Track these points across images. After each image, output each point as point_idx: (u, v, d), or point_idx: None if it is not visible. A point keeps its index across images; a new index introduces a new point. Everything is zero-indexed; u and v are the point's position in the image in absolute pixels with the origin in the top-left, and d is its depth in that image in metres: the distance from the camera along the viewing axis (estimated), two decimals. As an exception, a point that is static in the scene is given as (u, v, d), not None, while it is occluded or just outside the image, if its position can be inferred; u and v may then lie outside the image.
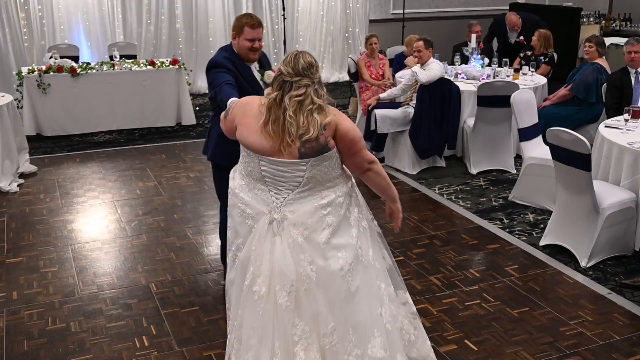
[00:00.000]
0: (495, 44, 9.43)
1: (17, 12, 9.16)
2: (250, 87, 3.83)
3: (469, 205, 5.80)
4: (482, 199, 5.94)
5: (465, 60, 7.94)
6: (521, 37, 8.80)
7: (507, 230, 5.26)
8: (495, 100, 6.33)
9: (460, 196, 6.01)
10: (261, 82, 3.97)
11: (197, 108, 8.95)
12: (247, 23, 3.86)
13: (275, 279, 2.81)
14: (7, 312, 4.05)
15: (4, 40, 9.13)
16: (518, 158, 6.58)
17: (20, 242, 5.06)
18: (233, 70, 3.81)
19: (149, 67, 8.24)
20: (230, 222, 3.05)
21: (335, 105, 2.91)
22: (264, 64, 4.08)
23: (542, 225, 5.27)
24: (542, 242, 4.96)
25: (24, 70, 7.90)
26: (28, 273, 4.55)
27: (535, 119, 5.83)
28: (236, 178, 3.03)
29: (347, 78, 10.37)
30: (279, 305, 2.80)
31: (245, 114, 2.92)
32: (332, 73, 11.38)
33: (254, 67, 4.01)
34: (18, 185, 6.20)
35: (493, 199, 5.93)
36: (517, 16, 8.93)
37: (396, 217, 3.21)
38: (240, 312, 2.91)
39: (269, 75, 3.89)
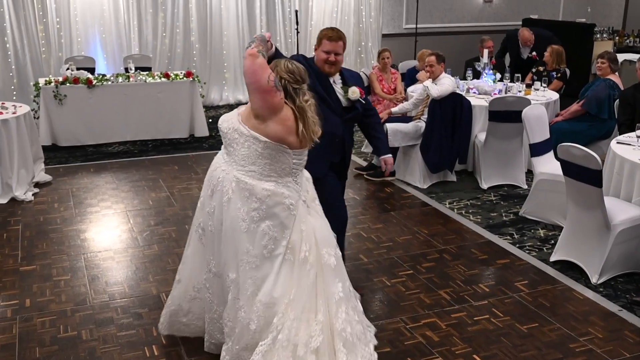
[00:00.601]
0: (507, 59, 9.45)
1: (36, 24, 9.31)
2: (324, 93, 3.88)
3: (479, 220, 5.80)
4: (492, 214, 5.94)
5: (477, 75, 7.97)
6: (534, 53, 8.82)
7: (518, 245, 5.26)
8: (506, 115, 6.34)
9: (470, 211, 6.01)
10: (342, 98, 3.98)
11: (210, 120, 9.02)
12: (325, 35, 3.89)
13: (319, 246, 3.30)
14: (20, 319, 4.10)
15: (22, 51, 9.28)
16: (529, 173, 6.58)
17: (34, 250, 5.12)
18: (309, 70, 3.79)
19: (163, 79, 8.33)
20: (273, 222, 3.22)
21: None
22: (348, 80, 4.04)
23: (552, 241, 5.26)
24: (552, 258, 4.95)
25: (41, 81, 8.02)
26: (41, 281, 4.61)
27: (546, 135, 5.83)
28: (260, 183, 3.21)
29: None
30: (328, 266, 3.29)
31: (287, 117, 3.19)
32: (344, 87, 11.42)
33: (336, 81, 4.02)
34: (33, 195, 6.28)
35: (504, 214, 5.93)
36: (530, 32, 8.96)
37: None
38: (295, 289, 3.24)
39: (354, 91, 3.87)
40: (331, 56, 3.90)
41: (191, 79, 8.39)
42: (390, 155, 4.28)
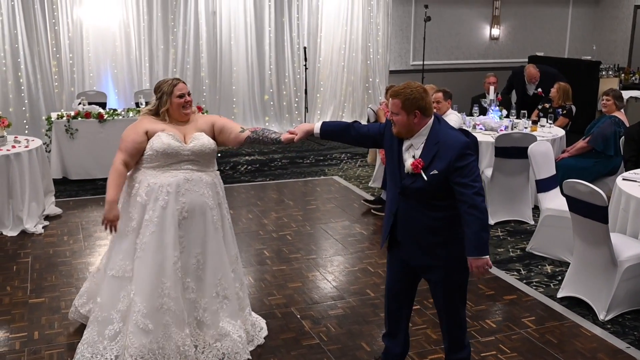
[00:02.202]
0: (514, 96, 9.54)
1: (49, 59, 9.50)
2: (389, 151, 3.51)
3: (486, 255, 5.80)
4: (499, 250, 5.95)
5: (483, 111, 8.05)
6: (539, 89, 8.91)
7: (525, 281, 5.26)
8: (513, 151, 6.39)
9: (477, 246, 6.01)
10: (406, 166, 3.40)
11: (219, 154, 9.10)
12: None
13: None
14: (28, 351, 4.13)
15: (35, 86, 9.45)
16: (536, 209, 6.60)
17: (43, 282, 5.16)
18: (384, 132, 3.53)
19: (173, 114, 8.42)
20: None
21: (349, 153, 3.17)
22: (429, 149, 3.35)
23: (559, 277, 5.26)
24: (559, 294, 4.95)
25: (54, 115, 8.14)
26: (50, 313, 4.64)
27: (552, 171, 5.87)
28: None
29: (367, 127, 10.51)
30: None
31: None
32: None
33: (415, 146, 3.40)
34: (43, 227, 6.35)
35: (510, 250, 5.94)
36: (536, 68, 9.07)
37: None
38: None
39: (408, 167, 3.35)
40: (389, 114, 3.43)
41: (201, 114, 8.46)
42: (477, 256, 3.28)
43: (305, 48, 10.64)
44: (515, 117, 7.61)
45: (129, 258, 3.84)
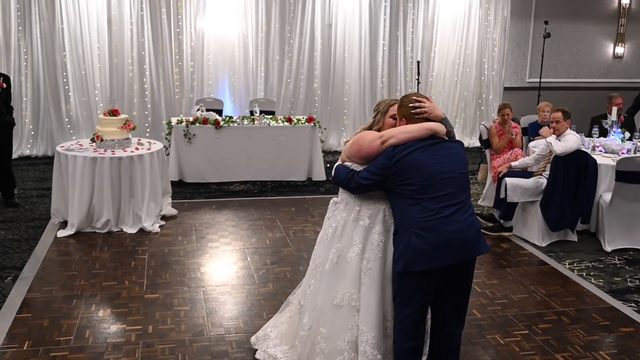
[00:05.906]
0: (638, 119, 9.06)
1: (172, 67, 9.99)
2: None
3: (601, 283, 5.54)
4: (616, 279, 5.66)
5: (603, 132, 7.70)
6: None
7: (643, 314, 4.98)
8: (635, 176, 6.08)
9: (592, 273, 5.76)
10: None
11: (328, 165, 9.22)
12: None
13: None
14: (143, 344, 4.33)
15: (157, 92, 9.97)
16: (658, 238, 6.23)
17: (158, 279, 5.41)
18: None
19: (286, 123, 8.64)
20: None
21: None
22: None
23: (683, 313, 4.94)
24: (682, 331, 4.65)
25: (174, 120, 8.54)
26: (163, 309, 4.86)
27: (679, 199, 5.53)
28: None
29: (477, 144, 10.35)
30: None
31: None
32: (462, 138, 11.37)
33: None
34: (160, 227, 6.66)
35: (629, 280, 5.63)
36: None
37: None
38: None
39: None
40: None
41: (312, 124, 8.64)
42: None
43: (418, 62, 10.58)
44: (639, 140, 7.22)
45: (353, 285, 3.63)
